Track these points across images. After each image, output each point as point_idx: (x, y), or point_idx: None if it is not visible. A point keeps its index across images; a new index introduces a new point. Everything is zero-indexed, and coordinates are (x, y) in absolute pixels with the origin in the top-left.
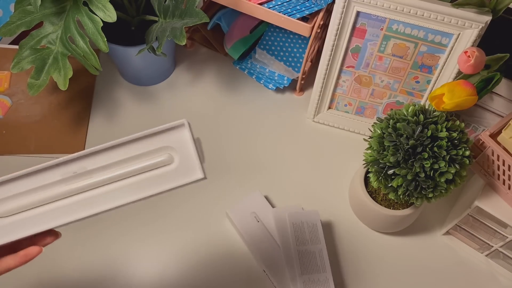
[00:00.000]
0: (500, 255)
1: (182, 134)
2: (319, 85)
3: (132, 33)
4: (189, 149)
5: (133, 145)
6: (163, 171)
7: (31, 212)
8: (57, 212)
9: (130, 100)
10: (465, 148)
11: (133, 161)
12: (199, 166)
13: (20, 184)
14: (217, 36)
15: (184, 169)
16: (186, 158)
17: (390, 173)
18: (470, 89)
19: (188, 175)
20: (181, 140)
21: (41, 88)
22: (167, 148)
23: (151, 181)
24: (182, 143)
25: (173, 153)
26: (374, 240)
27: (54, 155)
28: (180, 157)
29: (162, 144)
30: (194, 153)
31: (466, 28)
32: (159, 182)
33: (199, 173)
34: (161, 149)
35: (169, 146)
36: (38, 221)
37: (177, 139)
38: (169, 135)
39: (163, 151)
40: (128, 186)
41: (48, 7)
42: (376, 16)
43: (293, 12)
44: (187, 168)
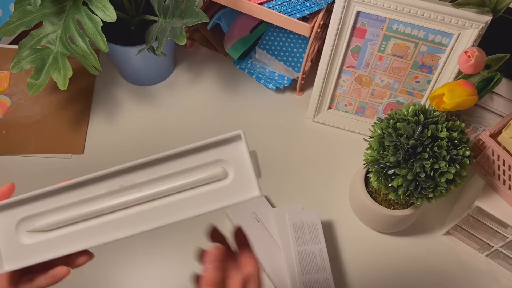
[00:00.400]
0: (501, 255)
1: (237, 147)
2: (319, 85)
3: (132, 33)
4: (245, 163)
5: (183, 157)
6: (215, 187)
7: (71, 228)
8: (99, 229)
9: (130, 100)
10: (466, 148)
11: (184, 174)
12: (255, 183)
13: (61, 197)
14: (217, 36)
15: (238, 185)
16: (241, 173)
17: (390, 173)
18: (470, 89)
19: (243, 192)
20: (236, 153)
21: (41, 88)
22: (221, 161)
23: (203, 198)
24: (237, 157)
25: (227, 167)
26: (374, 240)
27: (54, 155)
28: (234, 171)
29: (215, 157)
30: (250, 167)
31: (467, 28)
32: (212, 199)
33: (255, 191)
34: (213, 162)
35: (223, 160)
36: (78, 239)
37: (231, 151)
38: (222, 147)
39: (216, 164)
40: (177, 202)
41: (48, 7)
42: (376, 16)
43: (293, 12)
44: (242, 184)
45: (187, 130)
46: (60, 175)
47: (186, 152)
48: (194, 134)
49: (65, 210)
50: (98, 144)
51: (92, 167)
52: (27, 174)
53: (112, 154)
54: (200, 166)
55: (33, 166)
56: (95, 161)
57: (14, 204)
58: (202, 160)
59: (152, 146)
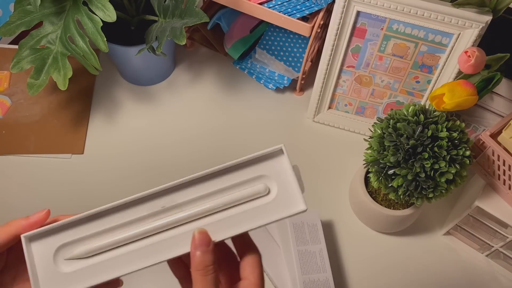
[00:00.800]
0: (501, 255)
1: (279, 161)
2: (319, 85)
3: (131, 33)
4: (288, 178)
5: (224, 175)
6: (258, 203)
7: (111, 253)
8: (140, 252)
9: (130, 100)
10: (466, 148)
11: (225, 192)
12: (300, 197)
13: (100, 221)
14: (217, 36)
15: (283, 200)
16: (285, 188)
17: (390, 173)
18: (470, 89)
19: (288, 207)
20: (278, 167)
21: (41, 88)
22: (262, 177)
23: (246, 215)
24: (279, 171)
25: (269, 183)
26: (374, 240)
27: (54, 155)
28: (278, 187)
29: (256, 173)
30: (294, 181)
31: (467, 28)
32: (255, 216)
33: (301, 205)
34: (255, 178)
35: (264, 175)
36: (119, 264)
37: (273, 167)
38: (263, 162)
39: (257, 180)
40: (220, 221)
41: (48, 7)
42: (376, 16)
43: (293, 12)
44: (286, 199)
45: (187, 130)
46: (60, 175)
47: (227, 169)
48: (194, 134)
49: (105, 235)
50: (98, 144)
51: (92, 167)
52: (27, 174)
53: (112, 154)
54: (242, 183)
55: (33, 166)
56: (95, 161)
57: (52, 232)
58: (243, 177)
59: (152, 146)
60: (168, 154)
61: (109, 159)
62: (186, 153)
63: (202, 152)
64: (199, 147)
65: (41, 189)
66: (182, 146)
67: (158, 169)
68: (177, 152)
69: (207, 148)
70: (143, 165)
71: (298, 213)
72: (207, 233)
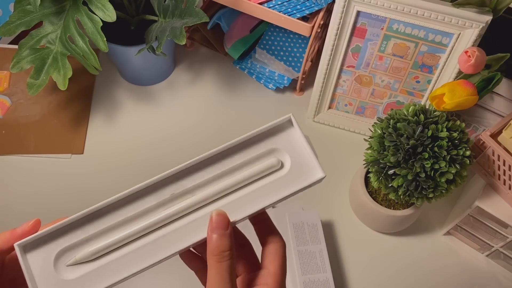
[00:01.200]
0: (501, 256)
1: (289, 133)
2: (319, 85)
3: (131, 33)
4: (301, 147)
5: (232, 154)
6: (274, 178)
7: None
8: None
9: (130, 100)
10: (466, 148)
11: (237, 171)
12: (317, 164)
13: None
14: (217, 36)
15: (298, 171)
16: (299, 158)
17: (390, 173)
18: (470, 89)
19: (305, 177)
20: (289, 139)
21: (41, 88)
22: (274, 151)
23: (263, 191)
24: (291, 142)
25: (281, 156)
26: (374, 240)
27: (53, 155)
28: (291, 158)
29: (266, 147)
30: (308, 150)
31: (467, 28)
32: (272, 191)
33: (319, 172)
34: (266, 153)
35: (275, 149)
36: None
37: (283, 139)
38: (273, 135)
39: (269, 155)
40: (236, 201)
41: (48, 7)
42: (377, 15)
43: (293, 12)
44: (302, 170)
45: (187, 130)
46: (60, 175)
47: (235, 147)
48: (194, 134)
49: (109, 233)
50: (98, 144)
51: (92, 167)
52: (26, 174)
53: (112, 154)
54: (252, 159)
55: (32, 166)
56: (95, 161)
57: (48, 237)
58: (253, 153)
59: (152, 146)
60: (168, 154)
61: (109, 159)
62: (186, 153)
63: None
64: (199, 147)
65: (40, 189)
66: (182, 146)
67: (158, 169)
68: (177, 152)
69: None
70: (143, 165)
71: (316, 181)
72: (226, 215)
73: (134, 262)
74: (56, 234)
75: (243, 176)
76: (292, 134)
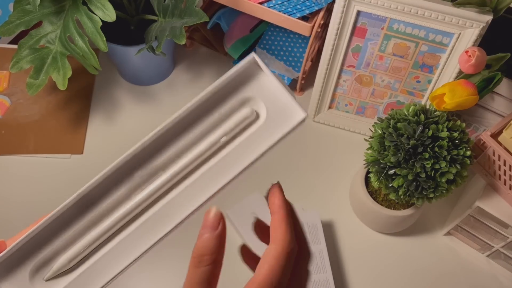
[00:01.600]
0: (501, 256)
1: (255, 74)
2: (320, 85)
3: (131, 33)
4: (273, 89)
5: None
6: (252, 130)
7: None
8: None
9: (130, 99)
10: (466, 148)
11: (208, 134)
12: (295, 105)
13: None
14: (216, 36)
15: (277, 116)
16: (274, 103)
17: (390, 173)
18: (471, 88)
19: (286, 121)
20: (258, 83)
21: (40, 87)
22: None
23: (244, 147)
24: (261, 87)
25: (255, 105)
26: (374, 240)
27: (53, 155)
28: (265, 104)
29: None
30: (282, 90)
31: (467, 28)
32: (254, 143)
33: (300, 112)
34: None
35: (247, 98)
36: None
37: (252, 85)
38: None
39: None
40: (217, 164)
41: (47, 7)
42: (377, 15)
43: (293, 12)
44: (281, 114)
45: None
46: (60, 175)
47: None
48: None
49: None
50: (97, 144)
51: (91, 167)
52: (26, 174)
53: (111, 154)
54: (222, 117)
55: (32, 166)
56: (95, 161)
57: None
58: (222, 110)
59: None
60: None
61: (109, 159)
62: None
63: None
64: None
65: (40, 189)
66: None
67: None
68: None
69: None
70: None
71: (299, 123)
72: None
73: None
74: (23, 250)
75: (216, 136)
76: (261, 78)
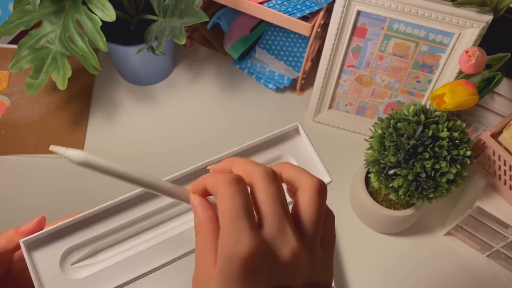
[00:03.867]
0: (501, 256)
1: (295, 139)
2: (320, 85)
3: (131, 33)
4: (306, 154)
5: None
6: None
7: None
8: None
9: (130, 99)
10: (466, 148)
11: None
12: (324, 169)
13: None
14: (216, 36)
15: None
16: (305, 165)
17: (391, 173)
18: (471, 88)
19: None
20: (295, 145)
21: (40, 87)
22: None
23: None
24: (296, 149)
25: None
26: (375, 240)
27: (53, 155)
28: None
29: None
30: (315, 156)
31: (467, 28)
32: None
33: (326, 177)
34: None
35: (281, 155)
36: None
37: (289, 145)
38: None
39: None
40: None
41: (47, 7)
42: (377, 15)
43: (293, 11)
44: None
45: (187, 130)
46: (59, 175)
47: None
48: (194, 133)
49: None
50: (97, 144)
51: None
52: (26, 174)
53: (111, 154)
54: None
55: (32, 166)
56: None
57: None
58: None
59: (152, 146)
60: (167, 154)
61: (109, 159)
62: (185, 153)
63: (202, 152)
64: (199, 147)
65: (40, 189)
66: (182, 146)
67: (158, 169)
68: (177, 152)
69: (207, 148)
70: (143, 165)
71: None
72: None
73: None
74: (62, 232)
75: None
76: (298, 141)
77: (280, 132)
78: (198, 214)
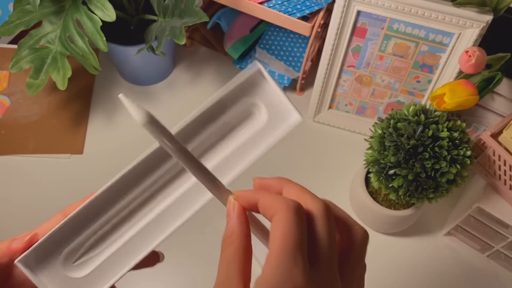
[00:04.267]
0: (501, 256)
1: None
2: (320, 85)
3: (131, 33)
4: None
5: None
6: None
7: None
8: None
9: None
10: (466, 148)
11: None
12: (292, 108)
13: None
14: (216, 36)
15: (275, 118)
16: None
17: (391, 173)
18: (471, 88)
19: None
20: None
21: (40, 87)
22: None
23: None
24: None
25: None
26: (375, 240)
27: (53, 155)
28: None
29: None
30: (281, 95)
31: (467, 28)
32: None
33: (296, 115)
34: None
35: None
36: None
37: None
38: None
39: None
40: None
41: (47, 7)
42: (377, 15)
43: (293, 11)
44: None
45: None
46: (59, 175)
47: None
48: None
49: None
50: (97, 144)
51: (91, 167)
52: (26, 174)
53: (111, 154)
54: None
55: (32, 166)
56: (95, 161)
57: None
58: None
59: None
60: None
61: (109, 159)
62: None
63: None
64: None
65: (40, 189)
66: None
67: None
68: None
69: None
70: None
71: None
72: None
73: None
74: (54, 238)
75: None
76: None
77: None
78: (233, 226)
